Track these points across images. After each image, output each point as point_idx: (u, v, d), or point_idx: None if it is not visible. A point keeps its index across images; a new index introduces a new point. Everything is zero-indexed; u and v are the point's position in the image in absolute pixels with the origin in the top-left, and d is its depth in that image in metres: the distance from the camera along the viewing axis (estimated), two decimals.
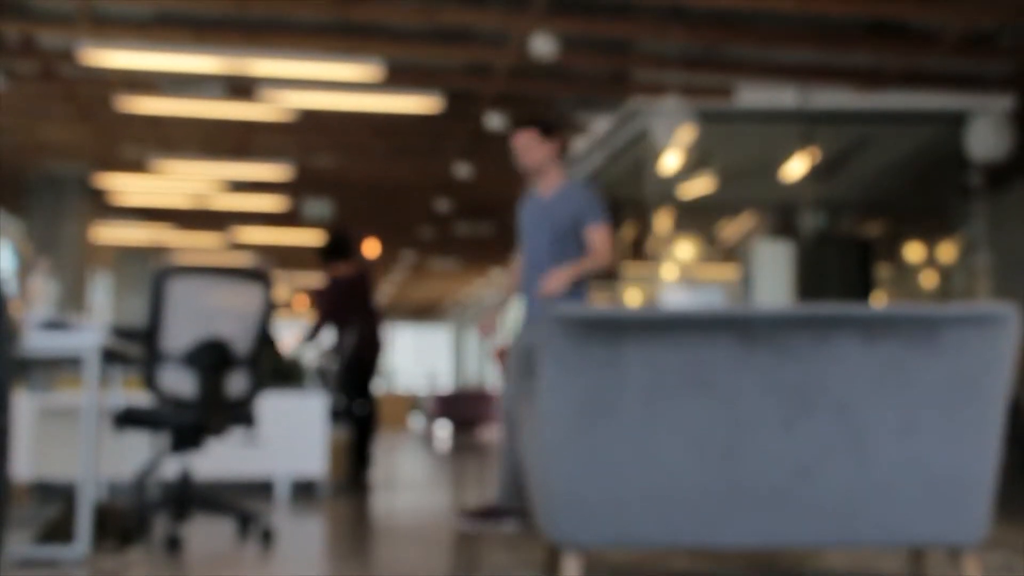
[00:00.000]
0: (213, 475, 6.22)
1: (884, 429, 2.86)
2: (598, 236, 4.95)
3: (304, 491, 6.76)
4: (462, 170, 11.89)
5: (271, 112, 9.81)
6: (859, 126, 9.72)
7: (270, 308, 4.50)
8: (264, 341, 4.52)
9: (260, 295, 4.45)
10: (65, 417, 6.14)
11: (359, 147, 11.45)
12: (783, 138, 9.52)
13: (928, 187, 10.56)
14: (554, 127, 5.10)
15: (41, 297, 4.52)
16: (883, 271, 11.13)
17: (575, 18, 7.51)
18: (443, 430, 19.33)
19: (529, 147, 5.06)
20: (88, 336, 4.07)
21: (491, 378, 24.00)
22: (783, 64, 8.61)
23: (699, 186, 10.45)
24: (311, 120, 10.17)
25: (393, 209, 14.83)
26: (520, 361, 4.95)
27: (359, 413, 7.41)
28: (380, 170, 12.49)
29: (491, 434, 18.18)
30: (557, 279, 4.78)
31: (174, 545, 4.11)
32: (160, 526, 4.79)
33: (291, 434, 6.58)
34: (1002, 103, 8.77)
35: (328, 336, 7.56)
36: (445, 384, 27.54)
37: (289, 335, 17.17)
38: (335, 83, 8.87)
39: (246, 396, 4.48)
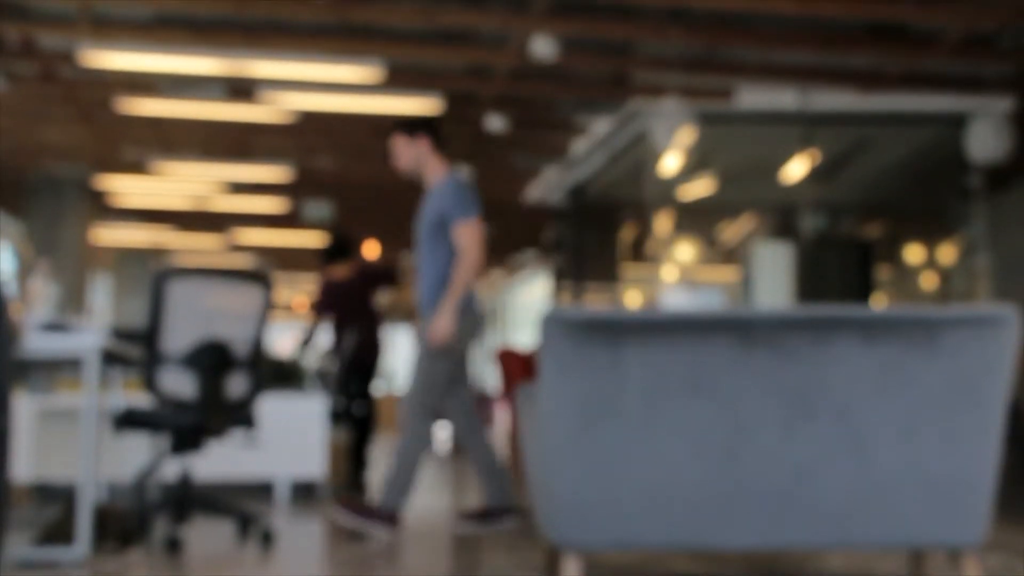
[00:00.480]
0: (213, 477, 6.22)
1: (884, 431, 2.86)
2: (463, 234, 4.77)
3: (304, 493, 6.76)
4: (462, 172, 11.89)
5: (271, 114, 9.81)
6: (859, 128, 9.73)
7: (269, 310, 4.51)
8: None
9: (260, 296, 4.45)
10: (65, 419, 6.14)
11: (359, 148, 11.45)
12: (783, 140, 9.52)
13: (928, 189, 10.56)
14: (418, 125, 5.01)
15: (41, 299, 4.52)
16: (883, 273, 11.13)
17: (575, 20, 7.51)
18: (443, 432, 19.31)
19: (399, 151, 5.02)
20: (88, 338, 4.07)
21: (490, 380, 24.00)
22: (783, 66, 8.61)
23: (699, 188, 10.46)
24: (311, 121, 10.17)
25: (393, 211, 14.83)
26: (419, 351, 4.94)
27: (358, 415, 7.41)
28: (380, 171, 12.47)
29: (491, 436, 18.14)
30: (440, 326, 4.69)
31: (174, 546, 4.11)
32: (160, 528, 4.79)
33: (291, 436, 6.58)
34: (1002, 105, 8.77)
35: (325, 338, 7.57)
36: None
37: (288, 337, 17.18)
38: (335, 84, 8.87)
39: (246, 398, 4.48)
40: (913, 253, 11.70)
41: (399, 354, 32.79)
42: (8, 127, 10.61)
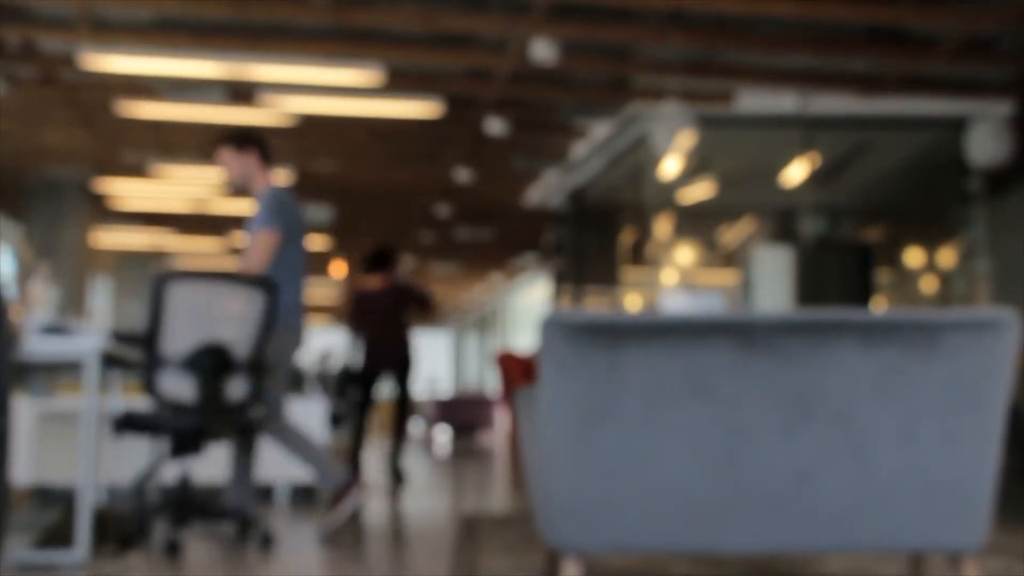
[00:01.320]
0: (213, 480, 6.22)
1: (884, 434, 2.86)
2: (255, 239, 4.77)
3: (304, 496, 6.75)
4: (462, 175, 11.90)
5: (271, 117, 9.82)
6: (859, 131, 9.73)
7: (272, 313, 4.51)
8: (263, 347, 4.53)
9: (261, 300, 4.45)
10: (65, 422, 6.13)
11: (359, 152, 11.46)
12: (783, 143, 9.52)
13: (928, 192, 10.56)
14: (247, 138, 4.98)
15: (41, 301, 4.52)
16: (883, 276, 11.13)
17: (575, 23, 7.51)
18: (443, 435, 19.32)
19: (228, 163, 4.98)
20: (88, 340, 4.07)
21: (491, 383, 24.00)
22: (783, 69, 8.61)
23: (699, 191, 10.46)
24: (311, 125, 10.17)
25: (393, 214, 14.84)
26: None
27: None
28: (380, 175, 12.50)
29: (491, 439, 18.16)
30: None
31: (173, 550, 4.11)
32: (160, 531, 4.79)
33: None
34: (1001, 108, 8.78)
35: (321, 341, 7.71)
36: (445, 389, 27.54)
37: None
38: (335, 88, 8.88)
39: (246, 401, 4.48)
40: (913, 256, 11.69)
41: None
42: (8, 130, 10.62)
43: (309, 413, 6.69)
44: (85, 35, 7.68)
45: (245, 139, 4.99)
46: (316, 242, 16.52)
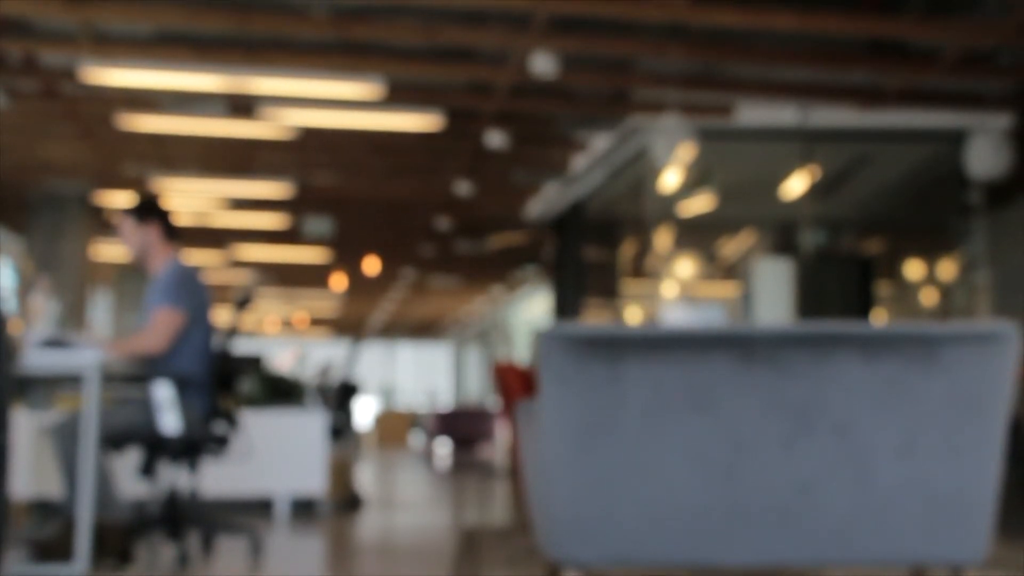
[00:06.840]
0: (212, 494, 6.20)
1: (884, 447, 2.85)
2: (155, 317, 4.50)
3: (304, 509, 6.74)
4: (462, 188, 11.90)
5: (272, 130, 9.83)
6: (859, 144, 9.73)
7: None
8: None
9: None
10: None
11: (359, 165, 11.47)
12: (783, 156, 9.53)
13: (928, 205, 10.56)
14: (149, 210, 4.74)
15: (41, 315, 4.52)
16: (883, 289, 11.12)
17: (575, 37, 7.52)
18: (443, 448, 19.30)
19: (127, 233, 4.74)
20: (88, 354, 4.08)
21: (491, 396, 23.99)
22: (783, 82, 8.62)
23: (699, 204, 10.46)
24: (312, 138, 10.18)
25: (393, 227, 14.84)
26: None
27: None
28: (380, 188, 12.50)
29: (491, 452, 18.14)
30: (106, 345, 4.45)
31: (183, 562, 4.11)
32: (157, 544, 4.78)
33: (291, 452, 6.57)
34: (1001, 121, 8.78)
35: (321, 355, 7.75)
36: (445, 401, 27.51)
37: (285, 353, 17.32)
38: (336, 101, 8.89)
39: None
40: (913, 269, 11.69)
41: (399, 371, 32.72)
42: (9, 143, 10.62)
43: (309, 426, 6.68)
44: (86, 49, 7.69)
45: (147, 211, 4.74)
46: (316, 255, 16.52)
